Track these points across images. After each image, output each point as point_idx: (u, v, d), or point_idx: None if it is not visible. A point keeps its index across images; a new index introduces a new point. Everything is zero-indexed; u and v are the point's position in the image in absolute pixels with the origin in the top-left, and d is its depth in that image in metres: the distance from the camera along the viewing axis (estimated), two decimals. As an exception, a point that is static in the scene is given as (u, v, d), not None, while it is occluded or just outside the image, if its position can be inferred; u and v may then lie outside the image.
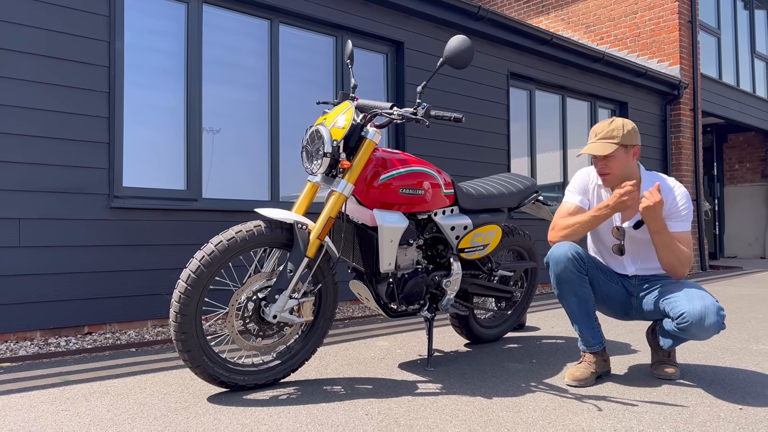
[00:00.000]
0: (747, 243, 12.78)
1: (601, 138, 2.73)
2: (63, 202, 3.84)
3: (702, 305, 2.52)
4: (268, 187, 4.95)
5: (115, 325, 4.04)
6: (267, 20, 5.02)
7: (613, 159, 2.72)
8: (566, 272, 2.73)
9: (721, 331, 2.56)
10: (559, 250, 2.75)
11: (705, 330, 2.53)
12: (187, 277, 2.38)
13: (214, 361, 2.47)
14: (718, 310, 2.52)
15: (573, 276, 2.73)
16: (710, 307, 2.51)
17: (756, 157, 12.82)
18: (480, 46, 6.53)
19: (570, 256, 2.72)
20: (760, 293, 6.26)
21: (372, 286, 2.87)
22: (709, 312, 2.50)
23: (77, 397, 2.52)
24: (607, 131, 2.73)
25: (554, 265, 2.76)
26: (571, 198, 2.91)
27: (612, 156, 2.72)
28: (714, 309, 2.51)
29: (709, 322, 2.50)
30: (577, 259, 2.73)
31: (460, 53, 2.54)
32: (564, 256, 2.73)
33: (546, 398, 2.51)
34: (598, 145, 2.72)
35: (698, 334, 2.56)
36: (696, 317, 2.51)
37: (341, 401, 2.45)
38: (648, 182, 2.79)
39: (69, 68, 3.90)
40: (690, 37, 9.39)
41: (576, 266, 2.73)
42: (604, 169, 2.75)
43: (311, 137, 2.65)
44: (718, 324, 2.51)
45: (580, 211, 2.85)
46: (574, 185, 2.93)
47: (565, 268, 2.73)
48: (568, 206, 2.89)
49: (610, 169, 2.73)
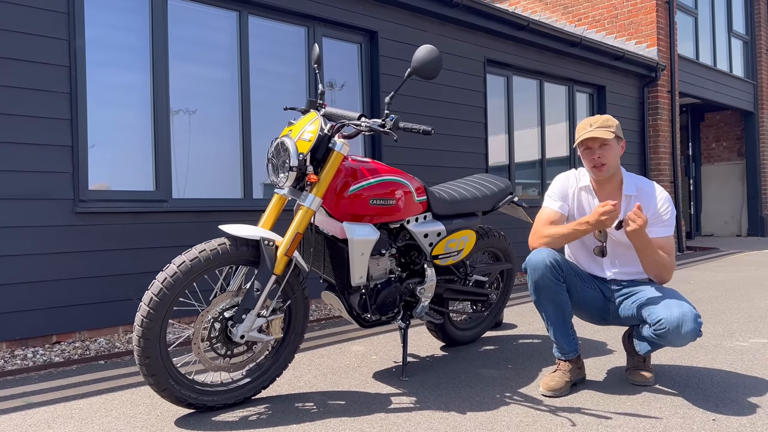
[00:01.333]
0: (723, 221, 12.93)
1: (598, 126, 2.72)
2: (26, 209, 3.71)
3: (680, 312, 2.51)
4: (240, 186, 4.84)
5: (85, 333, 3.94)
6: (236, 12, 4.87)
7: (609, 149, 2.72)
8: (544, 279, 2.70)
9: (695, 338, 2.54)
10: (537, 257, 2.71)
11: (682, 337, 2.52)
12: (149, 300, 2.30)
13: (180, 383, 2.40)
14: (696, 317, 2.51)
15: (550, 283, 2.70)
16: (687, 314, 2.50)
17: (732, 135, 12.91)
18: (456, 34, 6.42)
19: (548, 263, 2.69)
20: (735, 278, 6.32)
21: (344, 298, 2.81)
22: (686, 319, 2.49)
23: (40, 423, 2.45)
24: (603, 121, 2.74)
25: (532, 272, 2.72)
26: (550, 204, 2.88)
27: (609, 145, 2.71)
28: (691, 316, 2.50)
29: (686, 330, 2.49)
30: (555, 266, 2.70)
31: (428, 63, 2.46)
32: (542, 263, 2.69)
33: (520, 412, 2.48)
34: (599, 131, 2.70)
35: (675, 341, 2.55)
36: (673, 324, 2.50)
37: (312, 421, 2.40)
38: (630, 183, 2.78)
39: (27, 69, 3.74)
40: (667, 18, 9.34)
41: (554, 273, 2.69)
42: (601, 159, 2.72)
43: (276, 150, 2.55)
44: (695, 331, 2.50)
45: (560, 217, 2.84)
46: (554, 190, 2.90)
47: (543, 275, 2.69)
48: (548, 212, 2.86)
49: (606, 159, 2.72)
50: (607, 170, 2.73)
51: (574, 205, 2.87)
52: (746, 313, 4.42)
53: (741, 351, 3.37)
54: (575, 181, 2.89)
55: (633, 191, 2.77)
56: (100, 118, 4.14)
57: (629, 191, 2.77)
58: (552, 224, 2.81)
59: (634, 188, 2.78)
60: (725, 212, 12.91)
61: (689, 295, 5.22)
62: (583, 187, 2.85)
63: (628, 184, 2.79)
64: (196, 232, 4.36)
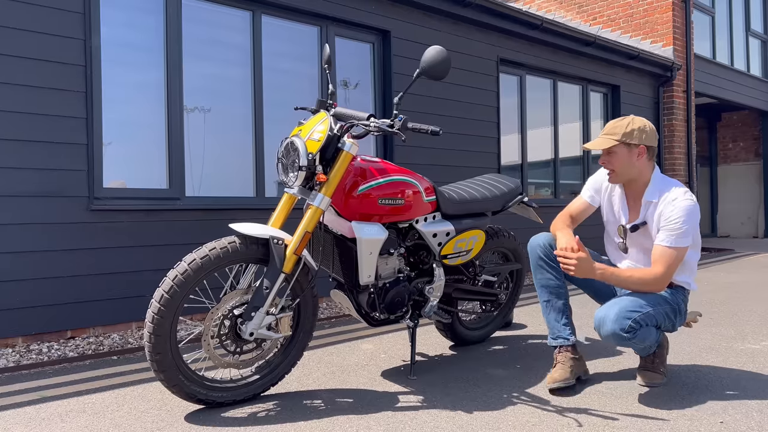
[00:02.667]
0: (740, 222, 12.79)
1: (605, 134, 2.72)
2: (43, 206, 3.78)
3: (604, 313, 2.52)
4: (253, 185, 4.88)
5: (99, 329, 4.00)
6: (249, 11, 4.90)
7: (614, 155, 2.69)
8: (535, 260, 2.88)
9: (629, 341, 2.50)
10: (534, 241, 2.90)
11: (605, 338, 2.53)
12: (159, 297, 2.33)
13: (190, 379, 2.44)
14: (618, 318, 2.46)
15: (542, 263, 2.85)
16: (609, 315, 2.49)
17: (750, 135, 12.76)
18: (468, 33, 6.42)
19: (542, 243, 2.85)
20: (750, 280, 6.26)
21: (353, 297, 2.83)
22: (606, 320, 2.49)
23: (53, 416, 2.49)
24: (612, 127, 2.71)
25: (530, 252, 2.92)
26: (583, 192, 2.99)
27: (613, 152, 2.68)
28: (613, 317, 2.47)
29: (604, 331, 2.50)
30: (548, 249, 2.83)
31: (437, 64, 2.47)
32: (537, 244, 2.88)
33: (527, 411, 2.49)
34: (599, 140, 2.71)
35: (604, 340, 2.57)
36: (596, 324, 2.56)
37: (320, 418, 2.42)
38: (654, 190, 2.68)
39: (44, 68, 3.80)
40: (683, 17, 9.25)
41: (547, 254, 2.83)
42: (607, 165, 2.73)
43: (286, 149, 2.58)
44: (614, 333, 2.46)
45: (587, 206, 2.95)
46: (590, 182, 2.97)
47: (538, 257, 2.87)
48: (577, 201, 2.97)
49: (612, 166, 2.71)
50: (615, 177, 2.73)
51: (604, 200, 2.91)
52: (759, 316, 4.38)
53: (752, 353, 3.34)
54: None
55: (655, 197, 2.65)
56: (114, 116, 4.20)
57: (651, 197, 2.67)
58: (575, 213, 2.93)
59: (658, 195, 2.65)
60: (742, 213, 12.76)
61: (701, 297, 5.19)
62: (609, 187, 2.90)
63: (653, 190, 2.68)
64: (208, 230, 4.41)
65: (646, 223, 2.70)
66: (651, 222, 2.68)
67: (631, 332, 2.47)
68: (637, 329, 2.49)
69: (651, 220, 2.68)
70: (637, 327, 2.49)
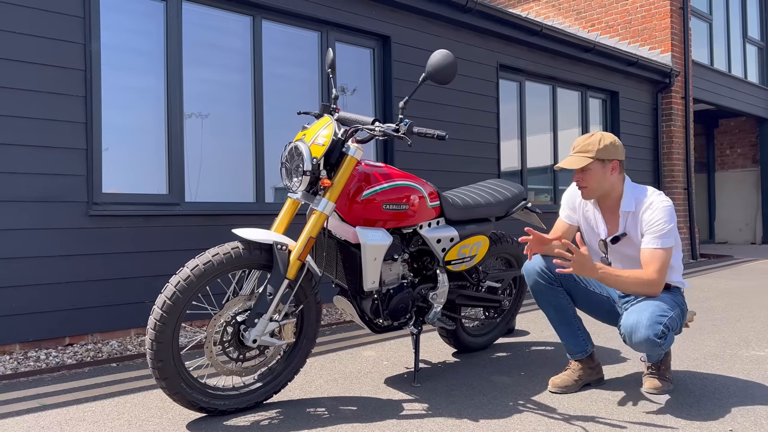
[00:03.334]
0: (738, 228, 12.80)
1: (577, 152, 2.73)
2: (41, 212, 3.74)
3: (634, 320, 2.47)
4: (253, 190, 4.85)
5: (97, 335, 3.96)
6: (249, 17, 4.89)
7: (589, 172, 2.70)
8: (537, 285, 2.82)
9: (664, 347, 2.47)
10: (529, 265, 2.84)
11: (636, 345, 2.48)
12: (162, 304, 2.30)
13: (192, 386, 2.40)
14: (651, 324, 2.42)
15: (544, 288, 2.80)
16: (642, 321, 2.44)
17: (747, 142, 12.79)
18: (469, 39, 6.41)
19: (538, 269, 2.80)
20: (750, 287, 6.25)
21: (356, 303, 2.80)
22: (639, 326, 2.44)
23: (52, 425, 2.45)
24: (583, 145, 2.71)
25: (527, 278, 2.86)
26: (561, 213, 2.98)
27: (587, 169, 2.70)
28: (646, 323, 2.43)
29: (637, 338, 2.45)
30: (545, 271, 2.79)
31: (443, 68, 2.46)
32: (533, 270, 2.81)
33: (534, 419, 2.46)
34: (572, 159, 2.73)
35: (635, 348, 2.52)
36: (627, 331, 2.50)
37: (324, 427, 2.39)
38: (629, 199, 2.71)
39: (44, 72, 3.77)
40: (681, 24, 9.28)
41: (545, 278, 2.79)
42: (581, 183, 2.74)
43: (290, 154, 2.55)
44: (648, 339, 2.42)
45: (568, 227, 2.93)
46: (564, 201, 2.97)
47: (536, 282, 2.81)
48: (558, 223, 2.98)
49: (586, 183, 2.72)
50: (588, 193, 2.73)
51: (580, 216, 2.92)
52: (762, 322, 4.36)
53: (758, 360, 3.32)
54: None
55: (632, 207, 2.69)
56: (114, 121, 4.17)
57: (627, 207, 2.70)
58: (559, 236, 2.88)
59: (634, 203, 2.69)
60: (739, 219, 12.77)
61: (703, 303, 5.17)
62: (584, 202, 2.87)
63: (628, 200, 2.71)
64: (208, 235, 4.37)
65: (626, 234, 2.72)
66: (633, 231, 2.70)
67: (663, 337, 2.45)
68: (667, 334, 2.47)
69: (633, 229, 2.70)
70: (667, 331, 2.47)
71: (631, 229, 2.71)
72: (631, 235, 2.71)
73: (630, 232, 2.71)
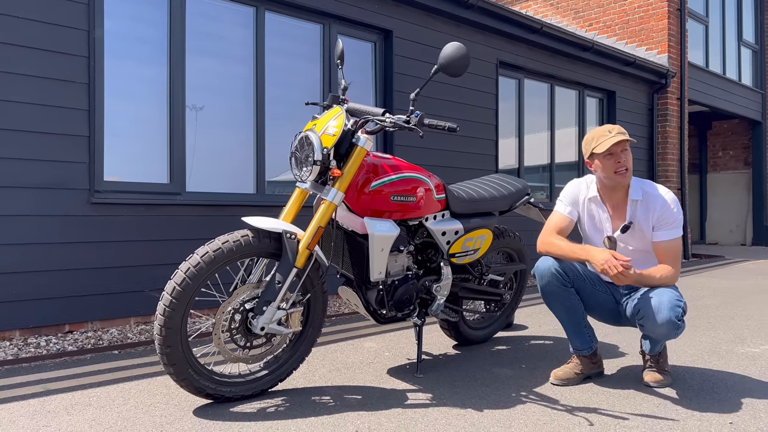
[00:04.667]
0: (728, 230, 12.92)
1: (617, 133, 2.74)
2: (43, 198, 3.73)
3: (657, 301, 2.56)
4: (253, 181, 4.85)
5: (97, 323, 3.95)
6: (252, 7, 4.88)
7: (627, 154, 2.75)
8: (550, 286, 2.81)
9: (680, 330, 2.57)
10: (544, 265, 2.83)
11: (659, 326, 2.56)
12: (171, 290, 2.31)
13: (200, 373, 2.41)
14: (673, 306, 2.52)
15: (557, 289, 2.81)
16: (664, 302, 2.54)
17: (740, 144, 12.90)
18: (469, 35, 6.43)
19: (553, 271, 2.79)
20: (743, 286, 6.32)
21: (361, 293, 2.82)
22: (661, 308, 2.53)
23: (58, 409, 2.46)
24: (619, 129, 2.75)
25: (540, 278, 2.84)
26: (561, 208, 2.94)
27: (627, 150, 2.75)
28: (668, 305, 2.52)
29: (661, 318, 2.53)
30: (561, 273, 2.79)
31: (455, 61, 2.47)
32: (548, 271, 2.80)
33: (537, 410, 2.49)
34: (623, 135, 2.72)
35: (655, 329, 2.59)
36: (649, 312, 2.57)
37: (330, 414, 2.41)
38: (636, 188, 2.79)
39: (47, 58, 3.76)
40: (678, 25, 9.35)
41: (560, 280, 2.79)
42: (626, 164, 2.74)
43: (300, 143, 2.57)
44: (670, 320, 2.52)
45: (569, 222, 2.90)
46: (566, 195, 2.95)
47: (549, 282, 2.81)
48: (558, 217, 2.92)
49: (628, 164, 2.75)
50: (630, 175, 2.77)
51: (584, 213, 2.93)
52: (756, 320, 4.42)
53: (753, 357, 3.37)
54: (585, 189, 2.92)
55: (639, 196, 2.77)
56: (116, 109, 4.16)
57: (635, 196, 2.77)
58: (559, 230, 2.88)
59: (640, 193, 2.77)
60: (730, 221, 12.89)
61: (697, 302, 5.23)
62: (592, 198, 2.88)
63: (635, 188, 2.79)
64: (208, 225, 4.37)
65: (632, 223, 2.77)
66: (642, 219, 2.75)
67: (681, 320, 2.55)
68: (682, 317, 2.56)
69: (642, 217, 2.76)
70: (683, 315, 2.57)
71: (639, 218, 2.76)
72: (638, 223, 2.76)
73: (637, 220, 2.76)
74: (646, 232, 2.76)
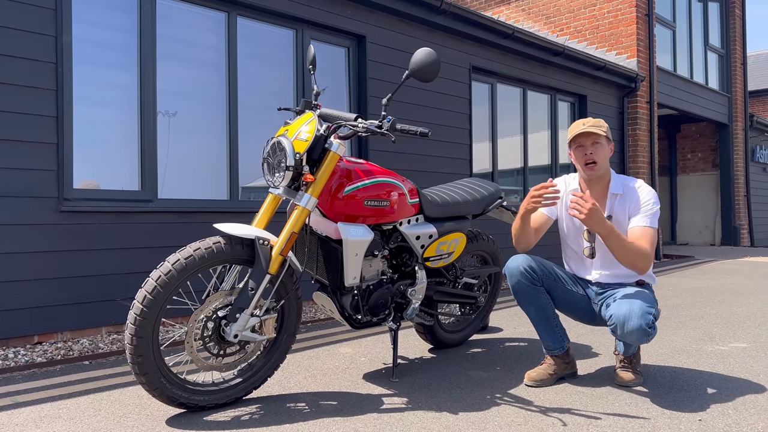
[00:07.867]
0: (698, 231, 13.19)
1: (591, 125, 2.79)
2: (10, 207, 3.65)
3: (627, 309, 2.58)
4: (227, 187, 4.82)
5: (68, 334, 3.88)
6: (224, 13, 4.85)
7: (599, 147, 2.80)
8: (520, 285, 2.85)
9: (651, 336, 2.57)
10: (513, 264, 2.87)
11: (629, 333, 2.57)
12: (142, 298, 2.27)
13: (172, 382, 2.38)
14: (643, 314, 2.54)
15: (526, 288, 2.85)
16: (635, 311, 2.56)
17: (707, 147, 13.19)
18: (443, 40, 6.48)
19: (522, 269, 2.83)
20: (712, 285, 6.45)
21: (336, 299, 2.81)
22: (632, 315, 2.55)
23: (27, 422, 2.40)
24: (593, 122, 2.81)
25: (510, 277, 2.88)
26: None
27: (599, 144, 2.80)
28: (638, 313, 2.54)
29: (630, 326, 2.54)
30: (529, 271, 2.83)
31: (425, 67, 2.49)
32: (517, 269, 2.84)
33: (511, 412, 2.51)
34: (592, 128, 2.77)
35: (626, 337, 2.61)
36: (620, 320, 2.58)
37: (305, 421, 2.40)
38: (617, 183, 2.86)
39: (13, 64, 3.69)
40: (647, 30, 9.53)
41: (528, 279, 2.83)
42: (593, 157, 2.79)
43: (272, 149, 2.55)
44: (640, 328, 2.52)
45: (546, 218, 2.95)
46: None
47: (519, 281, 2.85)
48: (536, 213, 2.93)
49: (597, 157, 2.79)
50: (598, 169, 2.81)
51: (563, 210, 2.96)
52: (725, 319, 4.51)
53: (722, 355, 3.44)
54: (564, 186, 2.98)
55: (619, 190, 2.83)
56: (85, 116, 4.09)
57: (615, 190, 2.84)
58: (535, 225, 2.90)
59: (621, 187, 2.84)
60: (700, 222, 13.16)
61: (668, 301, 5.33)
62: (573, 191, 2.91)
63: (615, 183, 2.86)
64: (181, 232, 4.33)
65: (612, 216, 2.82)
66: (620, 214, 2.80)
67: (652, 327, 2.56)
68: (653, 324, 2.58)
69: (620, 212, 2.81)
70: (653, 322, 2.59)
71: (617, 212, 2.81)
72: (617, 217, 2.81)
73: (616, 215, 2.81)
74: (624, 225, 2.80)
